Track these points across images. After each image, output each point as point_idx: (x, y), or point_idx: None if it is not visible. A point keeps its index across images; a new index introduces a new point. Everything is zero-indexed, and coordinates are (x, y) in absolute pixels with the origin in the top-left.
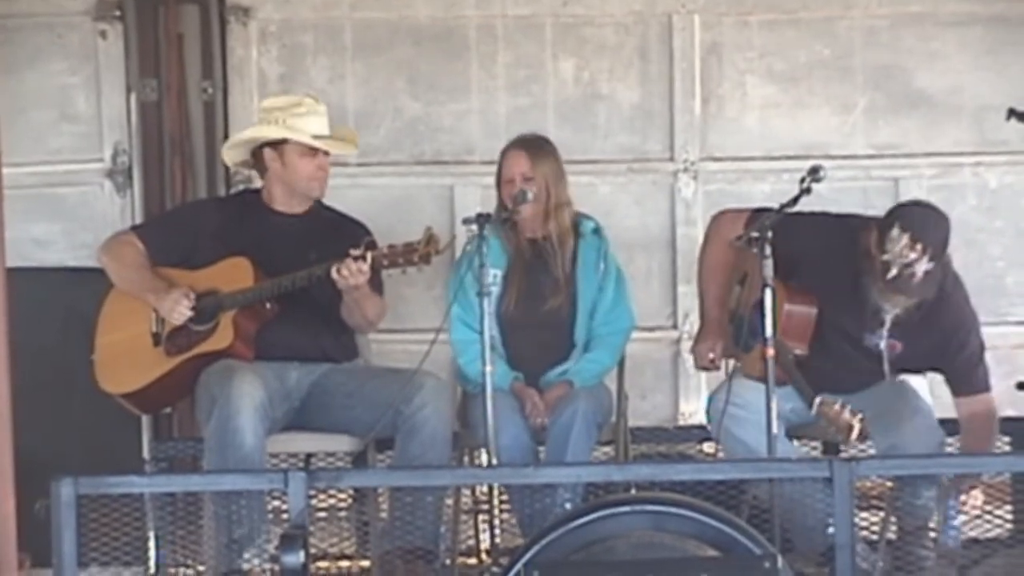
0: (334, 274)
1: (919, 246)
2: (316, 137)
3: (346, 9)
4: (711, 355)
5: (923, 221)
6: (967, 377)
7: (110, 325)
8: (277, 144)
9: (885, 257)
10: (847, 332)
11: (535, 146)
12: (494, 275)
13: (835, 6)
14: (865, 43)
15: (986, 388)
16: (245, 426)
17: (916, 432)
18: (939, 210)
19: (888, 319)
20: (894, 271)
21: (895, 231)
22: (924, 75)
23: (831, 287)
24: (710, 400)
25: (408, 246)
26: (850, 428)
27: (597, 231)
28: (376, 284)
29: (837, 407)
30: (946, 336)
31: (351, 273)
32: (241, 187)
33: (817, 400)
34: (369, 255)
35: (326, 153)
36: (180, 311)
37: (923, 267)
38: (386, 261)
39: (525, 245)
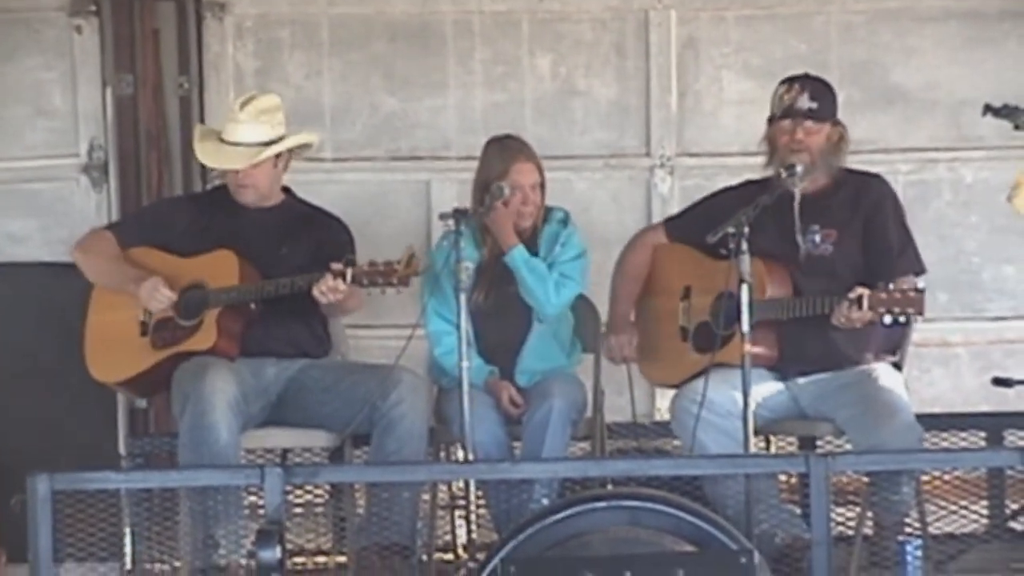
0: (314, 290)
1: (795, 85)
2: (215, 137)
3: (322, 5)
4: (627, 345)
5: (793, 74)
6: (893, 262)
7: (104, 302)
8: None
9: (774, 112)
10: (785, 248)
11: (536, 155)
12: (466, 267)
13: (811, 2)
14: (841, 39)
15: (912, 271)
16: (219, 422)
17: (895, 432)
18: None
19: (797, 192)
20: (779, 112)
21: (775, 91)
22: (900, 71)
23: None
24: (674, 398)
25: (388, 265)
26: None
27: (564, 220)
28: None
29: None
30: (870, 214)
31: (329, 290)
32: (217, 182)
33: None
34: (349, 272)
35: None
36: (159, 298)
37: (805, 103)
38: (365, 280)
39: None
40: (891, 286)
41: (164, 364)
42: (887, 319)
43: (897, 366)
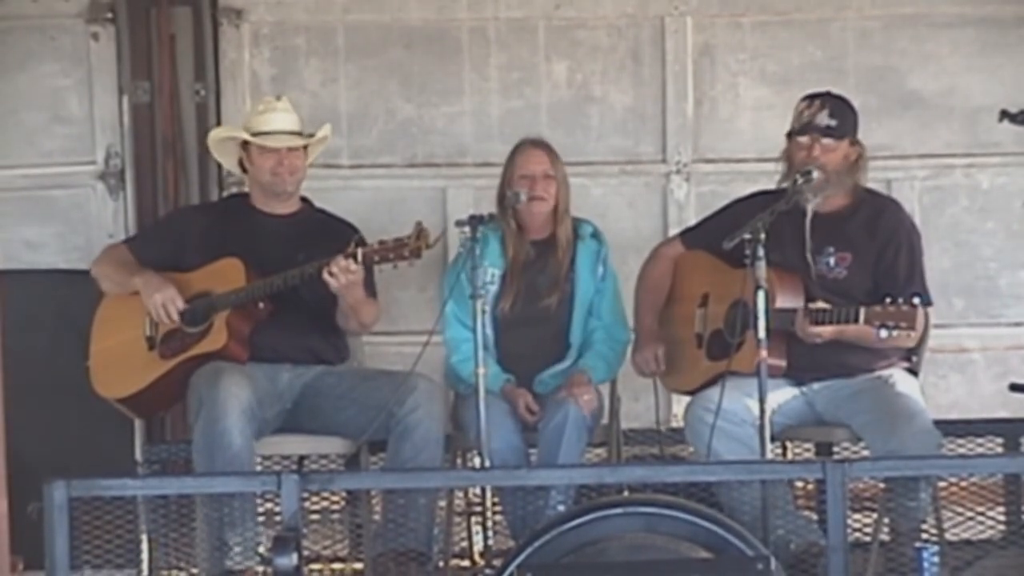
0: (325, 275)
1: (815, 102)
2: (257, 134)
3: (339, 12)
4: (655, 360)
5: (815, 91)
6: (898, 290)
7: (104, 331)
8: (247, 147)
9: (793, 128)
10: (798, 264)
11: (551, 148)
12: (492, 274)
13: (828, 8)
14: (858, 45)
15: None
16: (232, 428)
17: (914, 436)
18: None
19: (810, 209)
20: (798, 127)
21: (795, 107)
22: (917, 77)
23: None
24: (688, 406)
25: (398, 241)
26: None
27: (596, 235)
28: (370, 287)
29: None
30: (884, 241)
31: (341, 271)
32: (234, 189)
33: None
34: (360, 252)
35: (294, 148)
36: (168, 310)
37: (824, 120)
38: (377, 257)
39: (527, 246)
40: (887, 300)
41: (175, 371)
42: (883, 333)
43: (913, 372)
